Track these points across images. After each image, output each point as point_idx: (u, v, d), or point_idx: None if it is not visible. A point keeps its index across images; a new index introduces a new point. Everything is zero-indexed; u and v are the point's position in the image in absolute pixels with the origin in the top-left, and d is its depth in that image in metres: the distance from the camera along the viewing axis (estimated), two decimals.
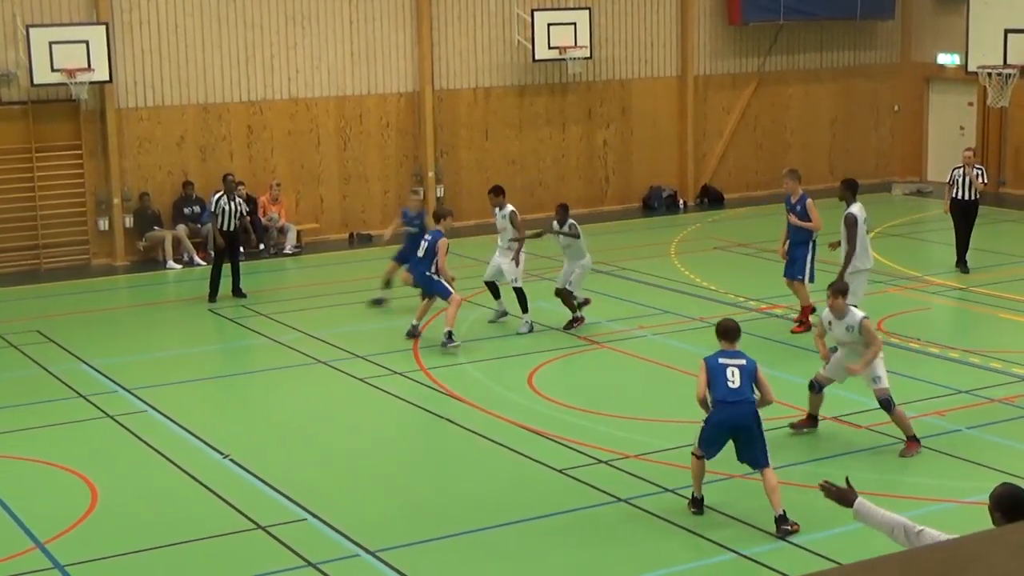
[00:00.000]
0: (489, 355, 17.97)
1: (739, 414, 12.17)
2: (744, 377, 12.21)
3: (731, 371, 12.20)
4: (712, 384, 12.21)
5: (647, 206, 29.64)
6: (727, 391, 12.17)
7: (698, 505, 12.44)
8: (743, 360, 12.31)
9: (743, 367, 12.24)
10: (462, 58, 27.66)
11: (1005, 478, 12.65)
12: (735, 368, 12.20)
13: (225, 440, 14.76)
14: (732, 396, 12.16)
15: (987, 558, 2.73)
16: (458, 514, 12.58)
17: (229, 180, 22.28)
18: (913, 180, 32.06)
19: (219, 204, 21.37)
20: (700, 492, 12.46)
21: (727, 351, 12.42)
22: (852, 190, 17.83)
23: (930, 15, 31.75)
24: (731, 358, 12.33)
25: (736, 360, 12.30)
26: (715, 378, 12.21)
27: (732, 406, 12.15)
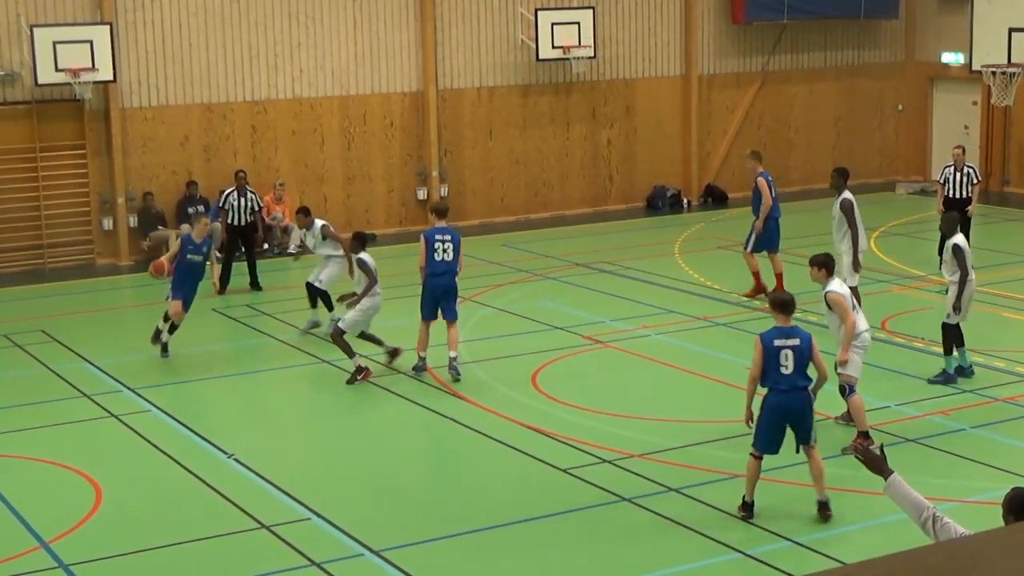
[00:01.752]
0: (493, 355, 17.97)
1: (792, 401, 11.96)
2: (798, 361, 11.92)
3: (785, 354, 11.90)
4: (766, 368, 11.94)
5: (651, 205, 29.64)
6: (779, 378, 11.93)
7: (749, 510, 12.21)
8: (798, 339, 11.99)
9: (797, 348, 11.93)
10: (466, 57, 27.67)
11: (1009, 478, 12.67)
12: (789, 351, 11.90)
13: (229, 439, 14.78)
14: (785, 384, 11.93)
15: (990, 557, 2.73)
16: (462, 513, 12.59)
17: (241, 176, 22.52)
18: (917, 179, 32.04)
19: (228, 200, 21.89)
20: (752, 496, 12.23)
21: (783, 328, 12.08)
22: (845, 178, 18.66)
23: (934, 14, 31.73)
24: (786, 337, 11.99)
25: (791, 340, 11.97)
26: (768, 361, 11.93)
27: (785, 394, 11.93)
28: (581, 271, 23.11)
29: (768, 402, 12.04)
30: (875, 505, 12.58)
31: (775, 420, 12.05)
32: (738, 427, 14.62)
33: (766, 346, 11.95)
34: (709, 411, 15.43)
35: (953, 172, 22.02)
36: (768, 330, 12.18)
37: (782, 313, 12.19)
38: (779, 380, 11.94)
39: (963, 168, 22.01)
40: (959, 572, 2.69)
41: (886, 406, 15.30)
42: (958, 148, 23.04)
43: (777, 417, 12.04)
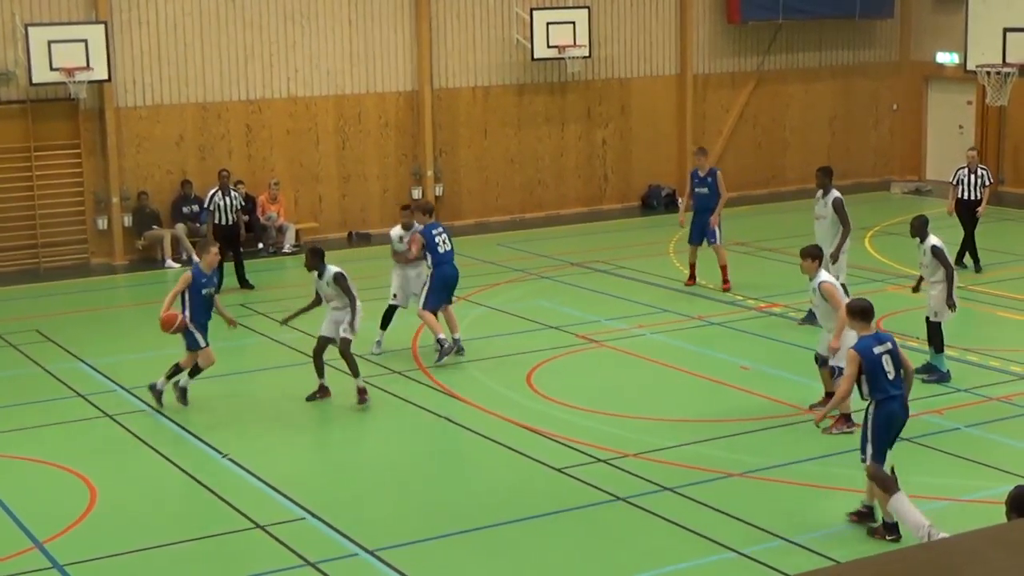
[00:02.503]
0: (488, 354, 17.97)
1: (903, 407, 11.69)
2: (896, 364, 11.61)
3: (886, 360, 11.53)
4: (872, 379, 11.50)
5: (646, 205, 29.64)
6: (888, 384, 11.52)
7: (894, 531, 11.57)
8: (889, 343, 11.69)
9: (892, 352, 11.61)
10: (461, 57, 27.66)
11: (1004, 477, 12.68)
12: (887, 356, 11.55)
13: (224, 439, 14.77)
14: (894, 389, 11.56)
15: (983, 555, 2.73)
16: (457, 513, 12.59)
17: (224, 176, 22.47)
18: (912, 179, 32.07)
19: (213, 200, 21.88)
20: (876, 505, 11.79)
21: (875, 336, 11.74)
22: (830, 176, 18.96)
23: (929, 14, 31.76)
24: (880, 344, 11.66)
25: (884, 345, 11.63)
26: (874, 371, 11.48)
27: (897, 400, 11.58)
28: (576, 270, 23.12)
29: (884, 411, 11.53)
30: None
31: (890, 435, 11.64)
32: (733, 426, 14.67)
33: (867, 358, 11.50)
34: (704, 410, 15.44)
35: (967, 174, 22.11)
36: (859, 340, 11.72)
37: (864, 320, 11.87)
38: (889, 386, 11.52)
39: (977, 170, 22.10)
40: (952, 569, 2.69)
41: None
42: (972, 150, 23.20)
43: (892, 431, 11.63)
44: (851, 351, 11.70)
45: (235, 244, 22.13)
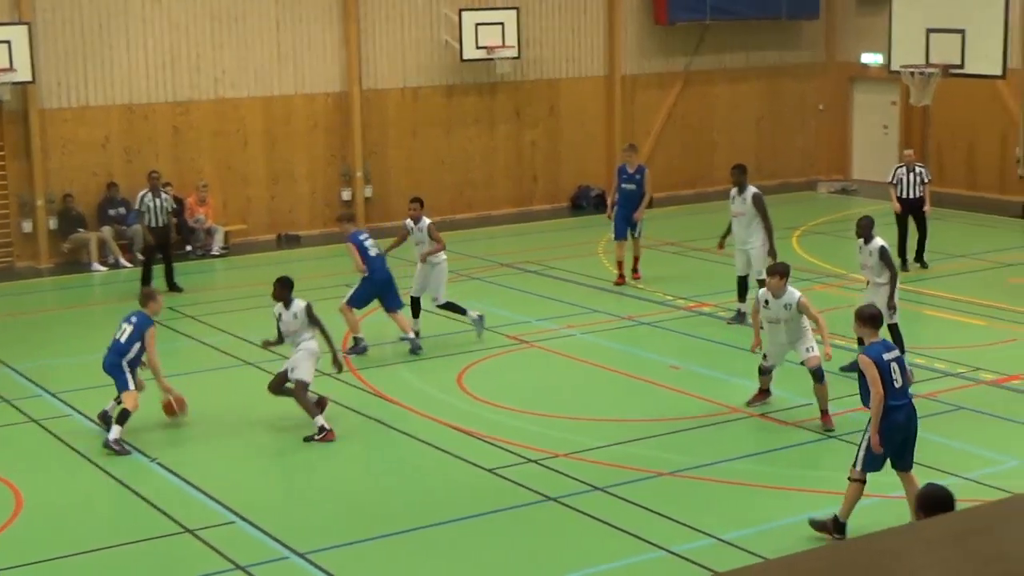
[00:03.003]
0: (419, 356, 17.94)
1: (909, 416, 11.49)
2: (903, 372, 11.47)
3: (893, 367, 11.38)
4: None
5: (575, 205, 29.72)
6: (894, 392, 11.33)
7: (841, 531, 11.56)
8: (896, 351, 11.60)
9: (899, 359, 11.48)
10: (390, 58, 27.60)
11: (927, 472, 12.84)
12: (895, 363, 11.41)
13: (152, 444, 14.64)
14: (900, 398, 11.38)
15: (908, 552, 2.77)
16: (388, 515, 12.56)
17: (154, 177, 22.29)
18: (838, 179, 32.39)
19: (144, 202, 21.68)
20: (847, 517, 11.60)
21: (882, 343, 11.64)
22: (746, 173, 19.46)
23: (854, 15, 32.09)
24: (888, 351, 11.53)
25: (892, 352, 11.52)
26: (882, 379, 11.31)
27: (901, 410, 11.38)
28: (506, 271, 23.14)
29: (889, 420, 11.38)
30: (796, 502, 12.71)
31: (895, 439, 11.48)
32: (663, 426, 14.75)
33: (879, 364, 11.35)
34: (634, 410, 15.51)
35: (905, 173, 22.39)
36: (869, 347, 11.62)
37: (872, 327, 11.81)
38: (894, 395, 11.36)
39: (915, 168, 22.39)
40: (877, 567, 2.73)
41: (808, 403, 15.44)
42: (910, 150, 23.61)
43: (891, 441, 11.45)
44: (865, 357, 11.48)
45: (165, 246, 21.95)
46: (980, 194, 29.45)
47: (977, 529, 2.80)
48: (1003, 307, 19.55)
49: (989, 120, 29.42)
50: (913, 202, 22.24)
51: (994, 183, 29.54)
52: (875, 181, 30.83)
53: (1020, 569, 2.62)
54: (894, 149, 30.95)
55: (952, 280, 21.77)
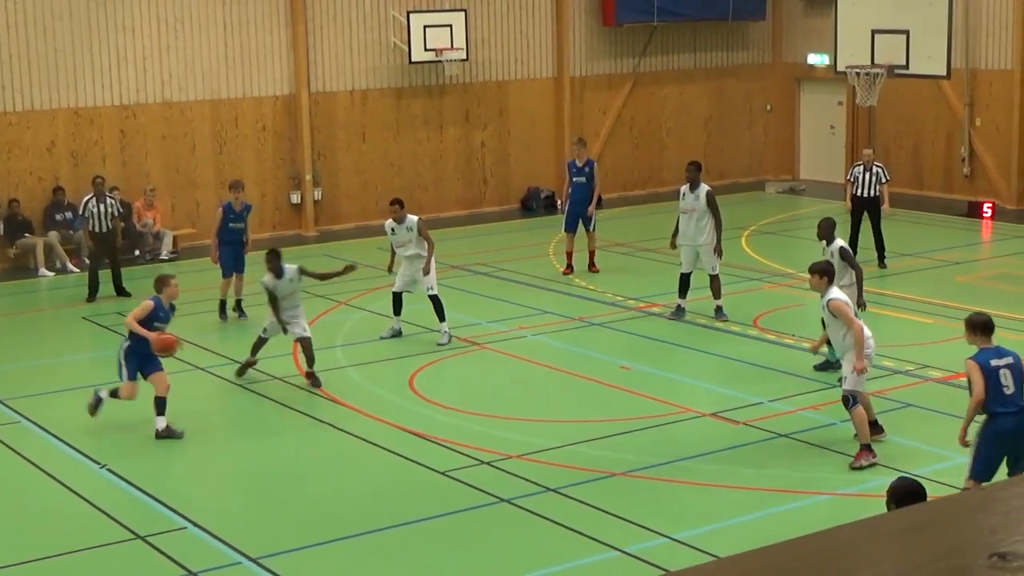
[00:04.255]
0: (370, 358, 17.91)
1: (1020, 424, 11.20)
2: (1017, 379, 11.22)
3: (1003, 374, 11.18)
4: (989, 390, 11.14)
5: (525, 207, 29.74)
6: (1005, 398, 11.15)
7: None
8: (1010, 358, 11.33)
9: (1012, 366, 11.25)
10: (338, 61, 27.53)
11: (880, 470, 12.95)
12: (1007, 370, 11.20)
13: (102, 450, 14.54)
14: (1011, 405, 11.16)
15: (860, 546, 2.79)
16: (340, 518, 12.53)
17: (98, 183, 22.09)
18: (786, 178, 32.59)
19: (88, 207, 21.52)
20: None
21: (993, 349, 11.40)
22: (701, 170, 19.85)
23: (800, 16, 32.31)
24: (1000, 357, 11.31)
25: (1005, 359, 11.29)
26: (990, 383, 11.14)
27: (1012, 416, 11.17)
28: (457, 273, 23.12)
29: (995, 427, 11.19)
30: (749, 501, 12.78)
31: (997, 452, 11.26)
32: (614, 426, 14.78)
33: (985, 368, 11.20)
34: (586, 410, 15.55)
35: (863, 172, 22.58)
36: (979, 352, 11.42)
37: (984, 335, 11.54)
38: (1004, 401, 11.18)
39: (872, 167, 22.58)
40: (830, 562, 2.75)
41: (759, 402, 15.54)
42: (868, 149, 23.87)
43: (1000, 448, 11.24)
44: (971, 361, 11.34)
45: (111, 251, 21.82)
46: (926, 193, 29.72)
47: (928, 524, 2.83)
48: (950, 305, 19.72)
49: (934, 120, 29.71)
50: (869, 200, 22.42)
51: (940, 182, 29.82)
52: (822, 181, 31.08)
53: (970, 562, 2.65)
54: (841, 149, 31.20)
55: (900, 278, 21.96)
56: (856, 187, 22.64)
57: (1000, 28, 28.25)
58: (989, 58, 28.55)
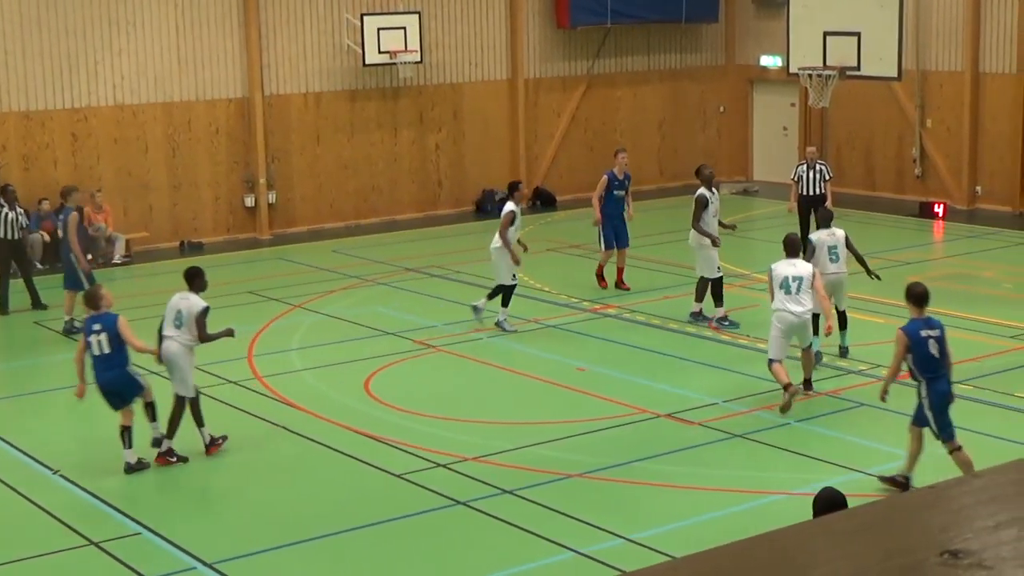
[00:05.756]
0: (324, 361, 17.86)
1: (950, 386, 12.39)
2: (942, 348, 12.29)
3: (931, 343, 12.22)
4: (917, 359, 12.23)
5: (480, 209, 29.73)
6: (934, 364, 12.25)
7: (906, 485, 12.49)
8: (939, 330, 12.39)
9: (939, 338, 12.33)
10: (292, 63, 27.44)
11: (833, 469, 13.03)
12: (934, 340, 12.24)
13: (54, 455, 14.42)
14: (940, 370, 12.28)
15: (811, 546, 2.81)
16: (296, 522, 12.48)
17: (10, 191, 21.54)
18: (740, 179, 32.73)
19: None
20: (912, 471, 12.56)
21: (923, 320, 12.46)
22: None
23: (753, 18, 32.46)
24: (930, 328, 12.33)
25: (934, 331, 12.33)
26: (919, 351, 12.20)
27: (943, 379, 12.31)
28: (412, 276, 23.10)
29: (935, 389, 12.29)
30: (704, 501, 12.83)
31: (948, 403, 12.35)
32: (570, 427, 14.80)
33: (914, 339, 12.19)
34: (541, 412, 15.56)
35: (806, 170, 22.70)
36: (910, 322, 12.50)
37: (919, 305, 12.59)
38: (935, 368, 12.28)
39: (816, 165, 22.72)
40: (785, 561, 2.76)
41: (715, 403, 15.60)
42: (812, 147, 24.01)
43: (949, 400, 12.35)
44: (900, 332, 12.39)
45: (21, 260, 21.41)
46: (878, 194, 29.93)
47: (879, 523, 2.85)
48: (902, 305, 19.82)
49: (886, 121, 29.92)
50: (814, 199, 22.54)
51: (891, 183, 30.04)
52: (776, 182, 31.21)
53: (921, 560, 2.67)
54: (794, 150, 31.36)
55: (852, 278, 22.01)
56: (801, 186, 22.77)
57: (950, 30, 28.49)
58: (939, 60, 28.79)
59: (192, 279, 14.60)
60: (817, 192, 22.60)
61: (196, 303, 14.30)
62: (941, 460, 13.24)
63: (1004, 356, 17.05)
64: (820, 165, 22.91)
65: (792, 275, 15.30)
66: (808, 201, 22.71)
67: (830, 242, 17.14)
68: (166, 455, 14.14)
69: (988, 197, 28.36)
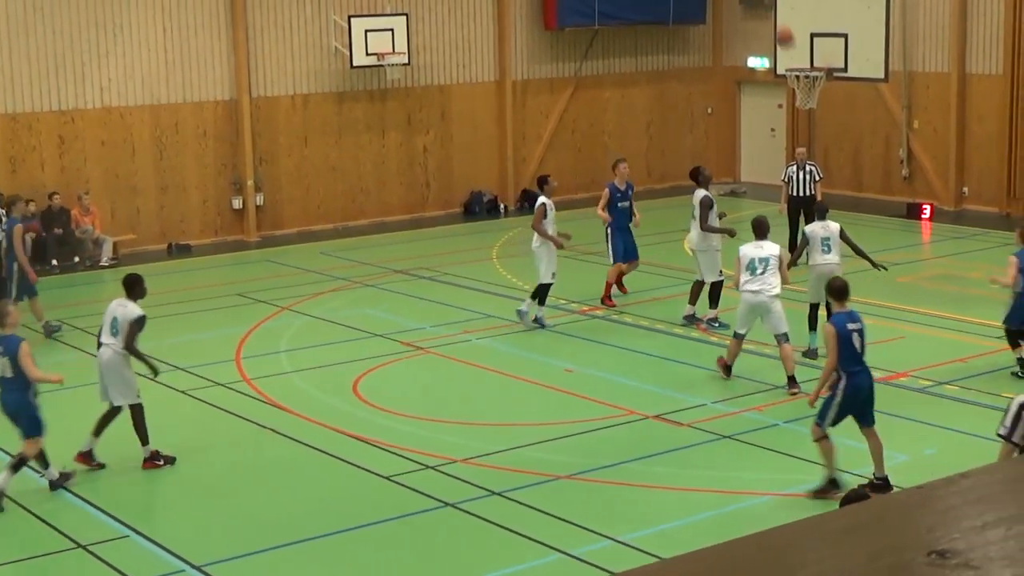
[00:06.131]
0: (313, 364, 17.84)
1: (869, 381, 12.53)
2: (863, 342, 12.46)
3: (855, 336, 12.36)
4: (842, 352, 12.32)
5: (468, 211, 29.74)
6: (857, 358, 12.39)
7: (836, 485, 12.46)
8: (860, 324, 12.54)
9: (861, 331, 12.48)
10: (279, 65, 27.41)
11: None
12: (857, 334, 12.39)
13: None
14: (861, 364, 12.43)
15: (799, 547, 2.82)
16: (285, 525, 12.48)
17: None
18: (727, 181, 32.75)
19: None
20: (835, 472, 12.51)
21: (848, 313, 12.60)
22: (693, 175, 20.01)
23: (740, 19, 32.50)
24: (853, 322, 12.49)
25: (856, 324, 12.49)
26: (845, 346, 12.31)
27: (863, 374, 12.45)
28: (401, 278, 23.10)
29: (853, 383, 12.36)
30: (693, 502, 12.84)
31: (851, 407, 12.43)
32: (559, 429, 14.81)
33: (841, 333, 12.31)
34: (530, 414, 15.56)
35: (796, 171, 22.75)
36: (835, 316, 12.67)
37: (841, 300, 12.78)
38: (857, 360, 12.39)
39: (805, 166, 22.77)
40: (775, 561, 2.77)
41: (703, 404, 15.61)
42: (801, 148, 24.07)
43: (854, 403, 12.41)
44: (830, 326, 12.50)
45: None
46: (865, 195, 29.98)
47: (867, 523, 2.86)
48: (891, 306, 19.91)
49: (873, 122, 29.98)
50: (804, 200, 22.58)
51: (879, 184, 30.09)
52: (763, 183, 31.25)
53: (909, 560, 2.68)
54: (781, 151, 31.40)
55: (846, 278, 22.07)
56: (791, 187, 22.82)
57: (937, 31, 28.56)
58: (926, 61, 28.85)
59: (130, 287, 14.39)
60: (807, 193, 22.64)
61: (132, 311, 14.09)
62: (929, 460, 13.29)
63: (991, 357, 17.09)
64: (810, 166, 22.97)
65: (759, 257, 15.76)
66: (798, 202, 22.76)
67: (823, 234, 17.29)
68: (152, 459, 14.09)
69: (975, 198, 28.42)
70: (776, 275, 15.74)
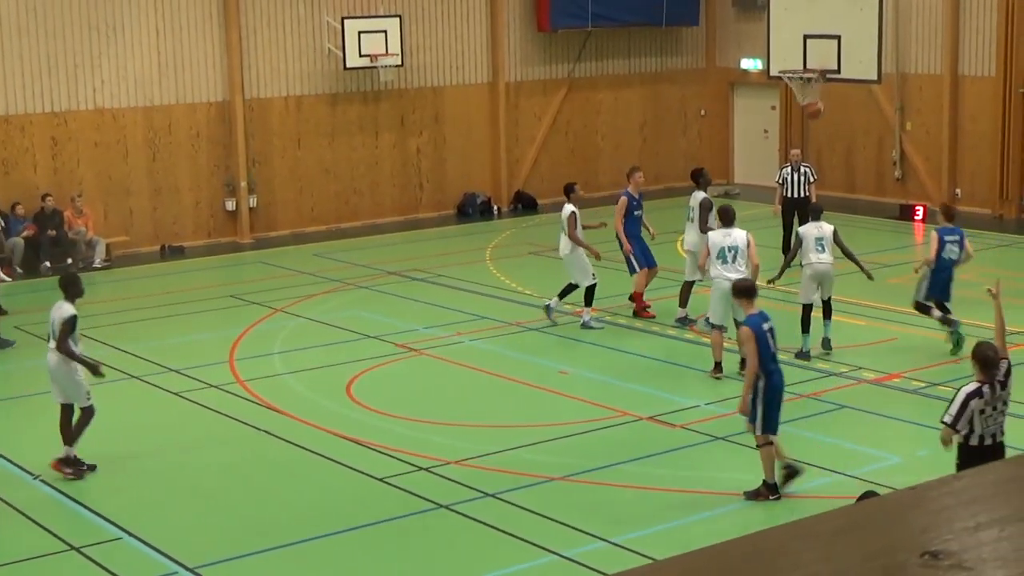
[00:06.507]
0: (306, 365, 17.83)
1: (783, 382, 12.69)
2: (775, 340, 12.64)
3: (769, 337, 12.56)
4: (761, 353, 12.42)
5: (462, 213, 29.74)
6: (772, 356, 12.56)
7: (775, 491, 12.49)
8: (771, 322, 12.70)
9: (773, 330, 12.65)
10: (272, 67, 27.40)
11: (814, 471, 13.06)
12: (769, 334, 12.57)
13: (36, 461, 14.37)
14: (776, 362, 12.61)
15: (790, 548, 2.82)
16: (278, 526, 12.47)
17: None
18: (721, 182, 32.75)
19: None
20: (774, 477, 12.55)
21: (760, 314, 12.72)
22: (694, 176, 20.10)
23: (733, 21, 32.53)
24: (765, 321, 12.65)
25: (768, 323, 12.63)
26: (763, 347, 12.43)
27: (778, 372, 12.59)
28: (394, 279, 23.09)
29: (772, 383, 12.46)
30: (686, 504, 12.85)
31: (776, 398, 12.52)
32: (553, 430, 14.81)
33: (758, 334, 12.41)
34: (523, 415, 15.56)
35: (791, 172, 22.78)
36: (749, 318, 12.72)
37: (750, 299, 12.93)
38: (774, 359, 12.56)
39: (800, 168, 22.80)
40: (760, 564, 2.77)
41: (696, 405, 15.62)
42: (796, 149, 24.10)
43: (781, 393, 12.59)
44: (747, 329, 12.54)
45: None
46: (858, 196, 30.02)
47: (859, 524, 2.86)
48: (883, 307, 19.93)
49: (866, 124, 30.02)
50: (799, 201, 22.61)
51: (872, 185, 30.13)
52: (757, 185, 31.28)
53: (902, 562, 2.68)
54: (775, 153, 31.43)
55: (840, 280, 22.09)
56: (785, 188, 22.86)
57: (929, 33, 28.60)
58: (919, 63, 28.89)
59: (66, 287, 14.19)
60: (802, 195, 22.67)
61: (66, 311, 13.86)
62: (922, 462, 13.29)
63: None
64: (804, 167, 22.99)
65: (728, 245, 16.09)
66: (793, 204, 22.78)
67: (816, 234, 17.36)
68: (65, 462, 13.79)
69: (968, 199, 28.44)
70: (746, 261, 16.10)
